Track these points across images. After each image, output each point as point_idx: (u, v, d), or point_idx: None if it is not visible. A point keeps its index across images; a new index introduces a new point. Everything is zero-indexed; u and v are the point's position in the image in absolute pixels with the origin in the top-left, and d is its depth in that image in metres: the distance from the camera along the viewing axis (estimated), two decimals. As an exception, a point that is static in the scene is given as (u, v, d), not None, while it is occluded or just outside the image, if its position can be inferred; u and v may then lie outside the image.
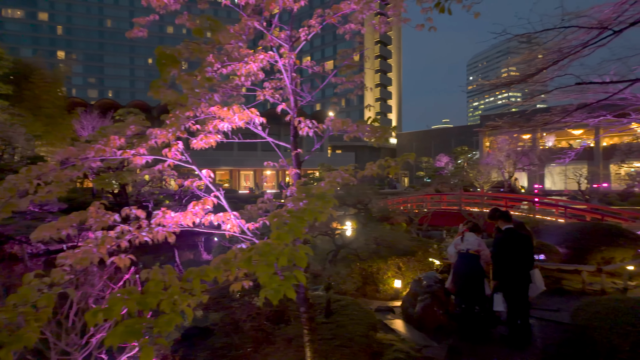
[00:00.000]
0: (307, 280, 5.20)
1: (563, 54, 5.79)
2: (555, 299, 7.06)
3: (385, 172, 2.76)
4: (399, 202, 20.73)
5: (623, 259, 8.81)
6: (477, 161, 41.62)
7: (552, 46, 6.69)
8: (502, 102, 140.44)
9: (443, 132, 65.89)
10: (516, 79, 6.33)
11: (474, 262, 5.29)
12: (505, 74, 12.96)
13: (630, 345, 3.54)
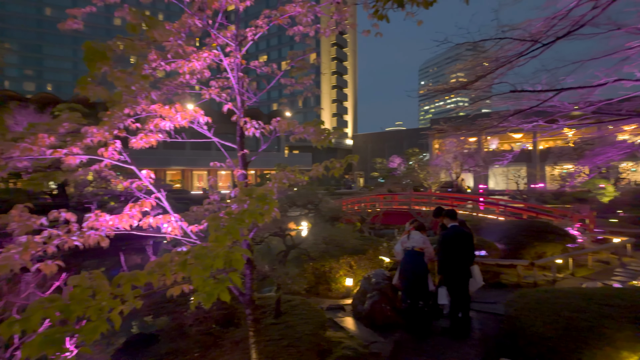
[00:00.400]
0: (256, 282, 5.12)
1: (500, 63, 6.22)
2: (494, 292, 7.55)
3: (330, 172, 2.81)
4: (354, 202, 21.13)
5: (553, 253, 9.62)
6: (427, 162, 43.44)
7: (491, 55, 7.17)
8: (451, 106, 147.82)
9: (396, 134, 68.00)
10: (457, 85, 6.70)
11: (419, 259, 5.54)
12: (454, 80, 13.91)
13: (555, 333, 3.87)
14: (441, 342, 5.20)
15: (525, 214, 15.14)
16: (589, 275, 8.80)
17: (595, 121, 7.80)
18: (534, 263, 7.91)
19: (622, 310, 3.71)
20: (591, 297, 4.24)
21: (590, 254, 9.64)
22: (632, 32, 7.00)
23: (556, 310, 4.10)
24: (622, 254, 10.69)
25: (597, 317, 3.72)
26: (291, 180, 2.88)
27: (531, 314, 4.31)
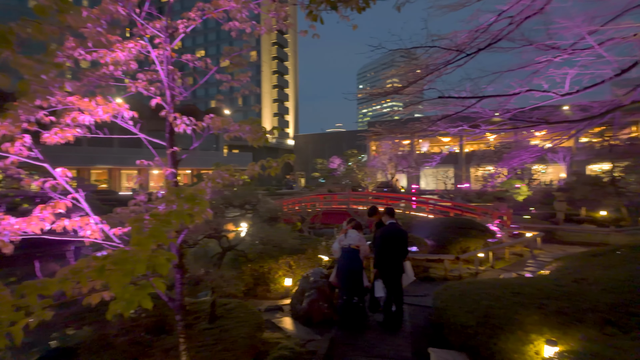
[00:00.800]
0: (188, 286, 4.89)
1: (429, 70, 6.62)
2: (424, 286, 8.02)
3: (267, 172, 2.78)
4: (294, 202, 21.17)
5: (475, 247, 10.47)
6: (365, 163, 44.96)
7: (422, 63, 7.61)
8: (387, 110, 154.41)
9: (336, 136, 69.37)
10: (391, 90, 7.02)
11: (355, 256, 5.71)
12: (389, 85, 14.65)
13: (475, 321, 4.20)
14: (375, 336, 5.40)
15: (452, 212, 16.31)
16: (506, 267, 9.72)
17: (511, 127, 8.62)
18: (459, 257, 8.54)
19: (531, 298, 4.15)
20: (506, 286, 4.68)
21: (507, 247, 10.65)
22: (541, 48, 7.85)
23: (476, 300, 4.46)
24: (533, 247, 11.96)
25: (511, 304, 4.12)
26: (226, 180, 2.80)
27: (455, 304, 4.64)
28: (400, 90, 6.84)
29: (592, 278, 4.44)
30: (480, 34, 7.03)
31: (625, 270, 4.75)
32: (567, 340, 3.48)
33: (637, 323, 3.21)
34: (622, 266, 5.01)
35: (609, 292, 3.85)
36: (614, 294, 3.77)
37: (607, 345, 3.03)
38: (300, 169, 68.29)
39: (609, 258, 5.79)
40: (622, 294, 3.74)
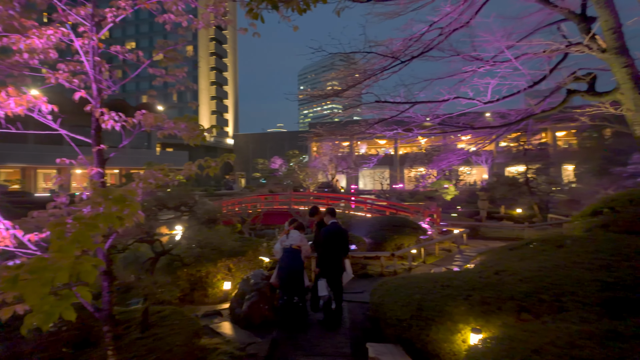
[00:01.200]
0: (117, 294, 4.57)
1: (367, 75, 6.87)
2: (362, 283, 8.29)
3: (204, 172, 2.68)
4: (234, 203, 20.65)
5: (409, 244, 11.06)
6: (307, 164, 45.34)
7: (360, 67, 7.87)
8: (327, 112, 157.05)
9: (277, 136, 68.98)
10: (331, 93, 7.16)
11: (296, 256, 5.74)
12: (330, 87, 14.86)
13: (409, 315, 4.44)
14: (316, 335, 5.47)
15: (388, 211, 17.07)
16: (436, 262, 10.39)
17: (440, 131, 9.26)
18: (394, 254, 8.96)
19: (459, 290, 4.48)
20: (437, 280, 4.99)
21: (437, 243, 11.39)
22: (467, 59, 8.52)
23: (410, 294, 4.71)
24: (460, 243, 12.91)
25: (441, 297, 4.41)
26: (159, 180, 2.65)
27: (390, 299, 4.86)
28: (340, 93, 7.02)
29: (510, 270, 4.91)
30: (414, 43, 7.46)
31: (536, 261, 5.32)
32: (489, 327, 3.82)
33: (546, 308, 3.62)
34: (533, 258, 5.62)
35: (524, 282, 4.29)
36: (527, 284, 4.21)
37: (522, 330, 3.37)
38: (241, 169, 66.84)
39: (524, 251, 6.45)
40: (534, 282, 4.20)
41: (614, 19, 6.66)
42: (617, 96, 7.55)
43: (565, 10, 7.76)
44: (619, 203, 7.98)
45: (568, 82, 8.33)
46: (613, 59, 6.86)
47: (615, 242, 5.40)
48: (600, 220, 6.94)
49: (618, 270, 4.33)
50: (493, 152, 30.45)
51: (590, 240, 5.75)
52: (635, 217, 6.32)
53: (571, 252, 5.40)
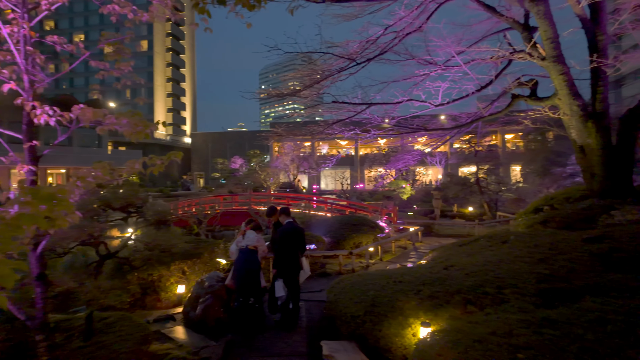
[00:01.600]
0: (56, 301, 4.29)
1: (324, 76, 6.92)
2: (321, 281, 8.33)
3: (148, 171, 2.57)
4: (192, 204, 20.02)
5: (367, 242, 11.27)
6: (268, 164, 44.94)
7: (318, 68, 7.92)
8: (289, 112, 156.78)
9: (238, 135, 67.63)
10: (288, 92, 7.15)
11: (252, 256, 5.65)
12: (292, 87, 14.79)
13: (363, 311, 4.51)
14: (273, 336, 5.42)
15: (348, 210, 17.31)
16: (392, 259, 10.67)
17: (396, 133, 9.55)
18: (352, 252, 9.09)
19: (410, 285, 4.63)
20: (390, 276, 5.13)
21: (393, 241, 11.70)
22: (421, 63, 8.85)
23: (364, 290, 4.80)
24: (415, 240, 13.35)
25: (393, 292, 4.53)
26: (99, 179, 2.51)
27: (346, 296, 4.92)
28: (297, 93, 7.02)
29: (458, 265, 5.15)
30: (370, 45, 7.62)
31: (482, 256, 5.61)
32: (438, 320, 3.97)
33: (490, 300, 3.83)
34: (480, 253, 5.92)
35: (470, 276, 4.51)
36: (473, 277, 4.43)
37: (467, 322, 3.54)
38: (199, 169, 64.96)
39: (472, 247, 6.79)
40: (479, 276, 4.43)
41: (552, 29, 7.18)
42: (556, 101, 8.15)
43: (510, 19, 8.26)
44: (557, 201, 8.62)
45: (513, 87, 8.87)
46: (551, 66, 7.39)
47: (552, 237, 5.81)
48: (540, 217, 7.45)
49: (554, 263, 4.66)
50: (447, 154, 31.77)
51: (531, 236, 6.15)
52: (570, 214, 6.85)
53: (514, 247, 5.75)
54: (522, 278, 4.21)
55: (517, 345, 2.88)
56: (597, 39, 7.14)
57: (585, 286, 3.81)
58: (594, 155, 7.41)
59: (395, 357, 3.99)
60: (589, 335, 2.82)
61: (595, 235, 5.34)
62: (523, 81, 8.90)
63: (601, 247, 4.86)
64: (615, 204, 6.63)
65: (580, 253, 4.84)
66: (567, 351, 2.70)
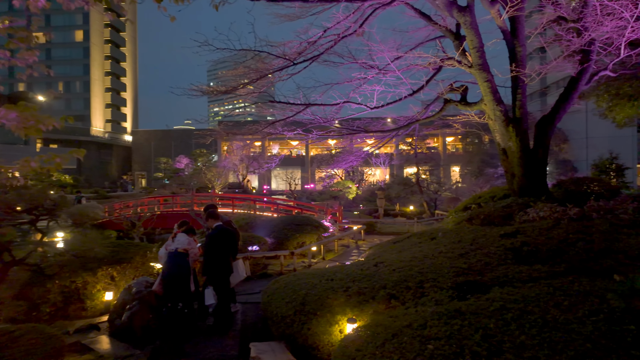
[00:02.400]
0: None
1: (262, 73, 6.85)
2: (261, 283, 8.23)
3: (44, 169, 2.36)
4: (128, 206, 18.89)
5: (310, 242, 11.35)
6: (216, 164, 43.74)
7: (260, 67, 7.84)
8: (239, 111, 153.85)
9: (184, 133, 64.87)
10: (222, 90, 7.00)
11: (182, 260, 5.44)
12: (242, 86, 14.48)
13: (293, 310, 4.52)
14: (204, 340, 5.26)
15: (294, 210, 17.31)
16: (335, 258, 10.83)
17: (337, 134, 9.74)
18: (293, 252, 9.10)
19: (341, 282, 4.72)
20: (323, 275, 5.19)
21: (336, 240, 11.89)
22: (363, 67, 9.10)
23: (296, 290, 4.81)
24: (357, 238, 13.68)
25: (324, 290, 4.59)
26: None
27: (279, 297, 4.90)
28: (233, 91, 6.88)
29: (388, 261, 5.34)
30: (309, 46, 7.68)
31: (410, 253, 5.88)
32: (363, 316, 4.08)
33: (411, 294, 4.01)
34: (409, 250, 6.20)
35: (396, 272, 4.70)
36: (399, 273, 4.62)
37: (388, 316, 3.68)
38: (141, 168, 61.63)
39: (404, 244, 7.09)
40: (404, 272, 4.62)
41: (477, 39, 7.69)
42: (482, 106, 8.75)
43: (443, 28, 8.74)
44: (484, 199, 9.26)
45: (445, 92, 9.40)
46: (477, 73, 7.92)
47: (475, 233, 6.23)
48: (467, 215, 7.96)
49: (472, 257, 4.99)
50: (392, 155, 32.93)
51: (456, 232, 6.55)
52: (492, 211, 7.39)
53: (439, 244, 6.08)
54: (442, 272, 4.45)
55: (429, 337, 3.04)
56: (516, 50, 7.77)
57: (495, 278, 4.12)
58: (514, 158, 8.05)
59: (322, 354, 4.05)
60: (491, 324, 3.05)
61: (511, 232, 5.80)
62: (455, 87, 9.47)
63: (514, 241, 5.28)
64: (531, 202, 7.26)
65: (496, 247, 5.23)
66: (471, 339, 2.90)
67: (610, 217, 5.91)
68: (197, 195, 18.65)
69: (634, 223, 5.26)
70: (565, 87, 8.03)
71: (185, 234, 5.82)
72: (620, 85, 12.33)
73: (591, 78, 7.90)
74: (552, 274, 4.06)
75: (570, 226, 5.46)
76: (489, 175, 25.03)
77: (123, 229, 14.63)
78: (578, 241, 4.88)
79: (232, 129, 11.37)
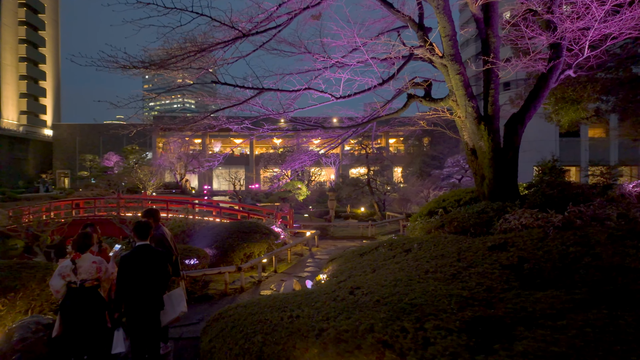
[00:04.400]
0: None
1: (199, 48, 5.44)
2: (201, 308, 6.78)
3: None
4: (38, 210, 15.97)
5: (260, 252, 10.01)
6: (150, 162, 40.38)
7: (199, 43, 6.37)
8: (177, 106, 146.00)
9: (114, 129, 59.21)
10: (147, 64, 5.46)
11: (91, 297, 3.89)
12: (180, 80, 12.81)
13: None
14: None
15: (239, 214, 15.74)
16: (288, 270, 9.61)
17: (292, 129, 8.57)
18: (240, 268, 7.73)
19: (310, 321, 3.55)
20: (284, 308, 3.99)
21: (289, 249, 10.66)
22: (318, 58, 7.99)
23: (250, 334, 3.57)
24: (311, 245, 12.57)
25: (288, 334, 3.40)
26: None
27: (224, 344, 3.62)
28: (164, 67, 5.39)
29: (365, 286, 4.28)
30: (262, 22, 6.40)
31: (388, 271, 4.88)
32: (346, 374, 2.95)
33: (411, 341, 2.95)
34: (385, 266, 5.21)
35: (381, 304, 3.64)
36: (386, 306, 3.56)
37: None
38: (64, 166, 55.26)
39: (373, 256, 6.10)
40: (392, 304, 3.58)
41: (450, 26, 6.91)
42: (450, 103, 8.04)
43: (407, 17, 7.90)
44: (449, 203, 8.60)
45: (410, 86, 8.61)
46: (449, 65, 7.16)
47: (456, 244, 5.39)
48: (436, 221, 7.19)
49: (468, 279, 4.09)
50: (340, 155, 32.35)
51: (434, 244, 5.68)
52: (466, 217, 6.67)
53: (419, 259, 5.15)
54: (441, 304, 3.47)
55: None
56: (490, 40, 7.15)
57: (512, 312, 3.22)
58: (485, 158, 7.44)
59: None
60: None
61: (498, 243, 5.04)
62: (418, 81, 8.73)
63: (510, 257, 4.49)
64: (508, 207, 6.65)
65: (491, 265, 4.39)
66: None
67: (596, 224, 5.40)
68: (125, 197, 16.23)
69: (631, 232, 4.71)
70: (535, 84, 7.59)
71: (91, 253, 4.23)
72: (564, 89, 12.55)
73: (559, 76, 7.54)
74: (577, 303, 3.24)
75: (563, 237, 4.79)
76: (435, 176, 25.32)
77: (29, 238, 12.10)
78: (582, 256, 4.19)
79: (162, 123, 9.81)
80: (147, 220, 4.52)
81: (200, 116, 7.10)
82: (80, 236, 4.17)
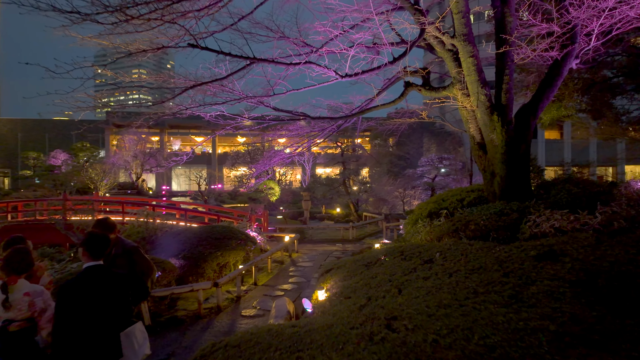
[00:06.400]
0: None
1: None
2: (171, 337, 5.42)
3: None
4: (-35, 215, 13.54)
5: (236, 261, 8.72)
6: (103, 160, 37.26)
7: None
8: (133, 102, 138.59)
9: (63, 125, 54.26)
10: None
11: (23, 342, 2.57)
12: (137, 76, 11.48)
13: None
14: None
15: (207, 217, 14.19)
16: (269, 281, 8.39)
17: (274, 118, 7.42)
18: (217, 283, 6.42)
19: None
20: (298, 349, 2.88)
21: (269, 256, 9.43)
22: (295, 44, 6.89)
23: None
24: (291, 250, 11.40)
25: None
26: None
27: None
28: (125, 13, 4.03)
29: (403, 314, 3.23)
30: None
31: (422, 291, 3.86)
32: None
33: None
34: (412, 284, 4.18)
35: (443, 347, 2.60)
36: (452, 351, 2.52)
37: None
38: (4, 165, 50.03)
39: (385, 269, 5.09)
40: (459, 347, 2.55)
41: (464, 1, 6.08)
42: (454, 91, 7.21)
43: None
44: (450, 204, 7.77)
45: (409, 73, 7.73)
46: (461, 46, 6.27)
47: (489, 253, 4.50)
48: (448, 225, 6.30)
49: (537, 303, 3.16)
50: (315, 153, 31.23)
51: (460, 252, 4.76)
52: (484, 220, 5.82)
53: (453, 273, 4.19)
54: (529, 345, 2.49)
55: None
56: (506, 20, 6.36)
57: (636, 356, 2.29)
58: (497, 153, 6.66)
59: None
60: None
61: (543, 252, 4.19)
62: (417, 68, 7.87)
63: (570, 270, 3.62)
64: (528, 207, 5.87)
65: (552, 281, 3.50)
66: None
67: None
68: (72, 198, 14.14)
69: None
70: (547, 72, 6.92)
71: (25, 280, 2.91)
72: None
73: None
74: None
75: (621, 243, 4.02)
76: (409, 175, 24.91)
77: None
78: (662, 268, 3.40)
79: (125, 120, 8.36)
80: (104, 233, 3.20)
81: (169, 97, 5.75)
82: (16, 252, 2.85)
